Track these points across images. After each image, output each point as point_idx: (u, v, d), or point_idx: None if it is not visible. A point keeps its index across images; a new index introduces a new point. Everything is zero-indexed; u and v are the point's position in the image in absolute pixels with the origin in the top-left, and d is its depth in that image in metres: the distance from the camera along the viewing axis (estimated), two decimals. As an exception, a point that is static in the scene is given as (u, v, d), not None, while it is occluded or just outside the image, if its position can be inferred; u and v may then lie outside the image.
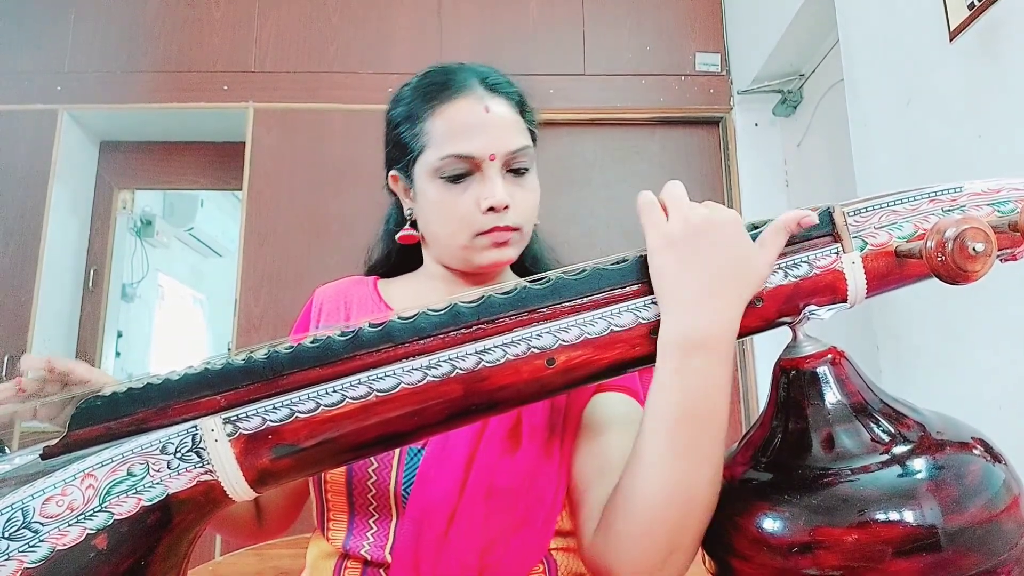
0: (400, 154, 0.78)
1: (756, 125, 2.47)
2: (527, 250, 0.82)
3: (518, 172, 0.75)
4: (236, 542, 1.01)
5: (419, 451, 0.70)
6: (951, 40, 1.27)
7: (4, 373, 2.24)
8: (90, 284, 2.56)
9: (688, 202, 0.51)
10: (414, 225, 0.81)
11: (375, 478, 0.70)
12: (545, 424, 0.71)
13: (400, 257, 0.87)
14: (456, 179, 0.73)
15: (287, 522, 0.84)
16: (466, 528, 0.67)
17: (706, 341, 0.48)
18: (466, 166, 0.73)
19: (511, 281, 0.52)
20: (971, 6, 1.21)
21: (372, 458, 0.70)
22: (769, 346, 2.16)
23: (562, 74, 2.49)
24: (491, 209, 0.72)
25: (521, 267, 0.85)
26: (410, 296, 0.82)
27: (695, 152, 2.52)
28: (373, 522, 0.70)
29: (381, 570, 0.68)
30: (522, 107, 0.78)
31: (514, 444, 0.70)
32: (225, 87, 2.43)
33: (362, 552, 0.69)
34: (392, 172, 0.81)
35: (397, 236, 0.82)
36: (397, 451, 0.70)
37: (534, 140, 0.79)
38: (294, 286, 2.27)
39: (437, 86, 0.76)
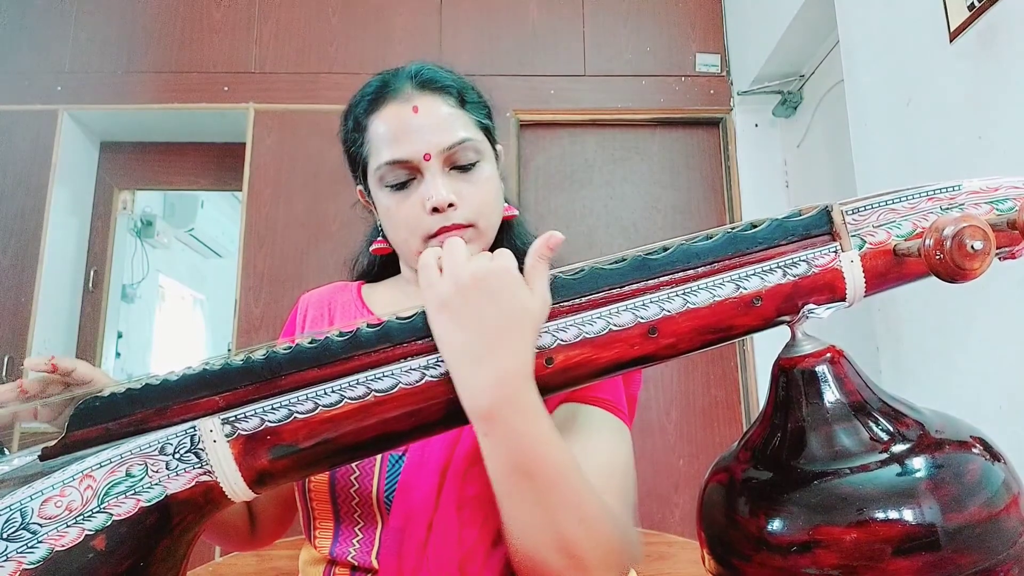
0: (354, 168, 0.79)
1: (756, 126, 2.47)
2: (508, 245, 0.80)
3: (464, 168, 0.73)
4: (228, 550, 1.01)
5: (400, 457, 0.70)
6: (951, 40, 1.27)
7: (4, 373, 2.24)
8: (90, 285, 2.56)
9: (462, 259, 0.50)
10: (386, 236, 0.81)
11: (357, 485, 0.69)
12: None
13: (382, 265, 0.88)
14: (399, 186, 0.72)
15: (281, 530, 0.84)
16: (443, 537, 0.66)
17: (496, 405, 0.47)
18: (404, 171, 0.72)
19: None
20: (971, 7, 1.21)
21: (354, 464, 0.69)
22: (768, 345, 2.17)
23: (562, 74, 2.49)
24: (435, 210, 0.70)
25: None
26: (391, 301, 0.82)
27: (695, 153, 2.52)
28: (359, 528, 0.70)
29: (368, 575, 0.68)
30: (462, 99, 0.75)
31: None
32: (225, 88, 2.43)
33: (349, 558, 0.69)
34: (358, 187, 0.82)
35: (371, 248, 0.83)
36: (379, 457, 0.69)
37: (488, 131, 0.77)
38: (294, 286, 2.27)
39: (372, 93, 0.75)
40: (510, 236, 0.84)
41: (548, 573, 0.51)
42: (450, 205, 0.70)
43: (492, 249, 0.79)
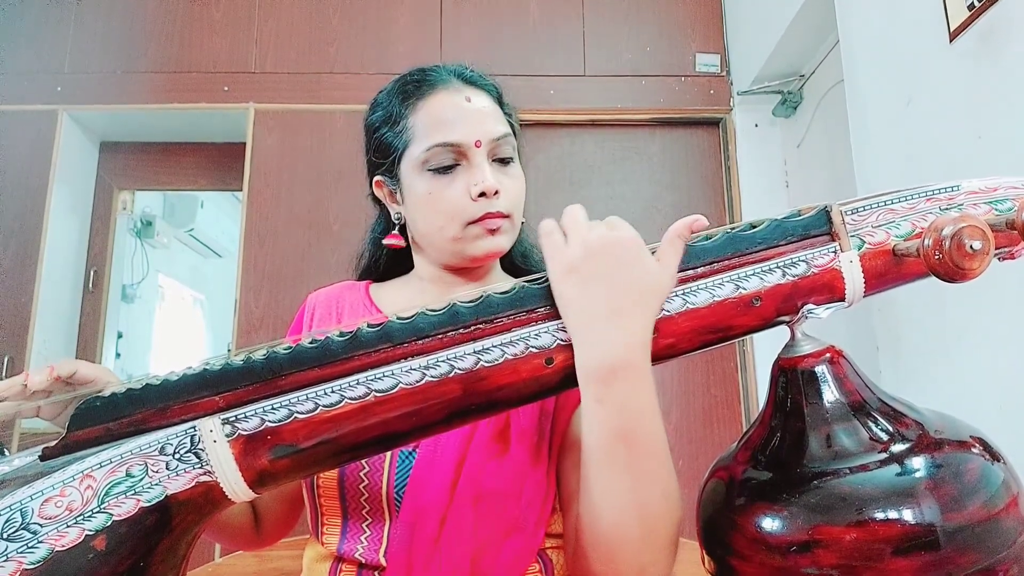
0: (383, 157, 0.79)
1: (756, 126, 2.47)
2: (515, 246, 0.82)
3: (503, 161, 0.76)
4: (234, 549, 1.01)
5: (411, 453, 0.70)
6: (951, 41, 1.27)
7: (4, 374, 2.24)
8: (90, 285, 2.56)
9: (586, 223, 0.52)
10: (403, 230, 0.81)
11: (367, 481, 0.70)
12: (534, 428, 0.71)
13: (389, 263, 0.88)
14: (444, 170, 0.74)
15: (285, 529, 0.84)
16: (457, 532, 0.66)
17: (620, 367, 0.48)
18: (452, 155, 0.73)
19: (505, 280, 0.52)
20: (971, 7, 1.21)
21: (364, 461, 0.69)
22: (768, 345, 2.16)
23: (562, 74, 2.49)
24: (482, 195, 0.72)
25: (511, 265, 0.85)
26: (402, 300, 0.82)
27: (695, 153, 2.52)
28: (366, 525, 0.70)
29: (376, 573, 0.68)
30: (500, 100, 0.80)
31: (502, 447, 0.69)
32: (225, 88, 2.43)
33: (356, 555, 0.69)
34: (376, 178, 0.81)
35: (384, 240, 0.82)
36: (389, 453, 0.70)
37: (515, 134, 0.80)
38: (294, 286, 2.27)
39: (414, 84, 0.77)
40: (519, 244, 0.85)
41: (624, 543, 0.52)
42: (496, 192, 0.73)
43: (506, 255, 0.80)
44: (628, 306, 0.48)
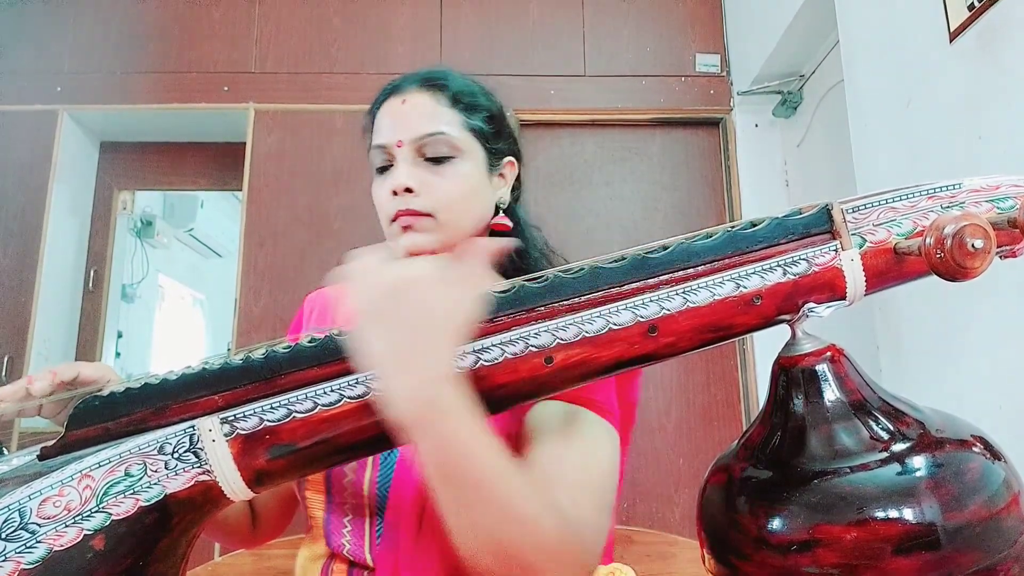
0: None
1: (756, 126, 2.47)
2: (505, 259, 0.80)
3: (435, 160, 0.76)
4: (230, 547, 1.01)
5: (391, 453, 0.70)
6: (951, 41, 1.27)
7: (4, 374, 2.24)
8: (90, 284, 2.56)
9: (376, 269, 0.49)
10: None
11: (352, 477, 0.70)
12: (503, 429, 0.69)
13: None
14: (380, 171, 0.78)
15: (282, 526, 0.84)
16: (433, 532, 0.66)
17: (426, 408, 0.46)
18: (383, 156, 0.77)
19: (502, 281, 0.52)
20: (971, 7, 1.21)
21: None
22: (768, 344, 2.17)
23: (562, 74, 2.49)
24: (395, 193, 0.74)
25: (507, 263, 0.84)
26: None
27: (695, 153, 2.52)
28: (348, 521, 0.70)
29: (366, 572, 0.68)
30: (456, 100, 0.78)
31: None
32: (225, 88, 2.43)
33: (345, 553, 0.69)
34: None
35: None
36: None
37: (482, 135, 0.79)
38: (294, 286, 2.27)
39: (380, 93, 0.81)
40: (513, 251, 0.83)
41: (489, 573, 0.50)
42: (407, 190, 0.74)
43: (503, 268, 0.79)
44: (424, 344, 0.47)
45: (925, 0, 1.34)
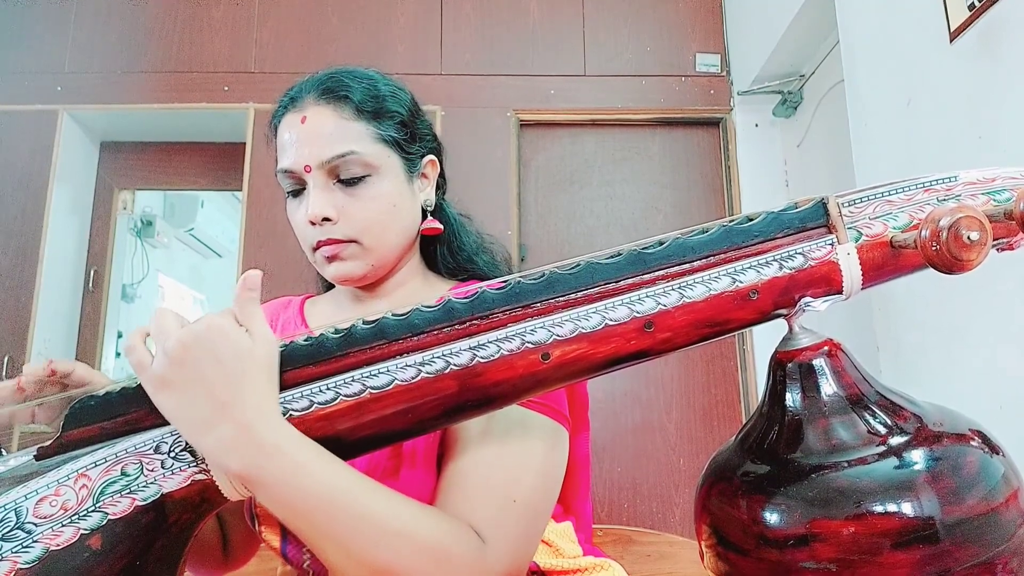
0: None
1: (756, 126, 2.47)
2: (461, 250, 0.79)
3: (348, 182, 0.70)
4: None
5: None
6: (951, 41, 1.27)
7: (4, 374, 2.24)
8: (90, 284, 2.56)
9: (169, 329, 0.47)
10: None
11: None
12: (427, 444, 0.66)
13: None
14: (293, 195, 0.72)
15: (252, 550, 0.82)
16: None
17: (246, 462, 0.45)
18: (291, 181, 0.71)
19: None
20: (971, 7, 1.21)
21: None
22: (768, 343, 2.16)
23: (562, 74, 2.49)
24: (313, 223, 0.70)
25: (457, 267, 0.81)
26: (326, 315, 0.81)
27: (695, 152, 2.52)
28: (307, 550, 0.69)
29: None
30: (361, 110, 0.72)
31: (395, 464, 0.66)
32: (225, 88, 2.43)
33: (305, 567, 0.69)
34: None
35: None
36: None
37: (397, 144, 0.73)
38: (294, 287, 2.24)
39: (279, 105, 0.76)
40: (446, 250, 0.81)
41: None
42: (326, 219, 0.69)
43: (444, 267, 0.77)
44: (229, 395, 0.46)
45: (925, 0, 1.34)
